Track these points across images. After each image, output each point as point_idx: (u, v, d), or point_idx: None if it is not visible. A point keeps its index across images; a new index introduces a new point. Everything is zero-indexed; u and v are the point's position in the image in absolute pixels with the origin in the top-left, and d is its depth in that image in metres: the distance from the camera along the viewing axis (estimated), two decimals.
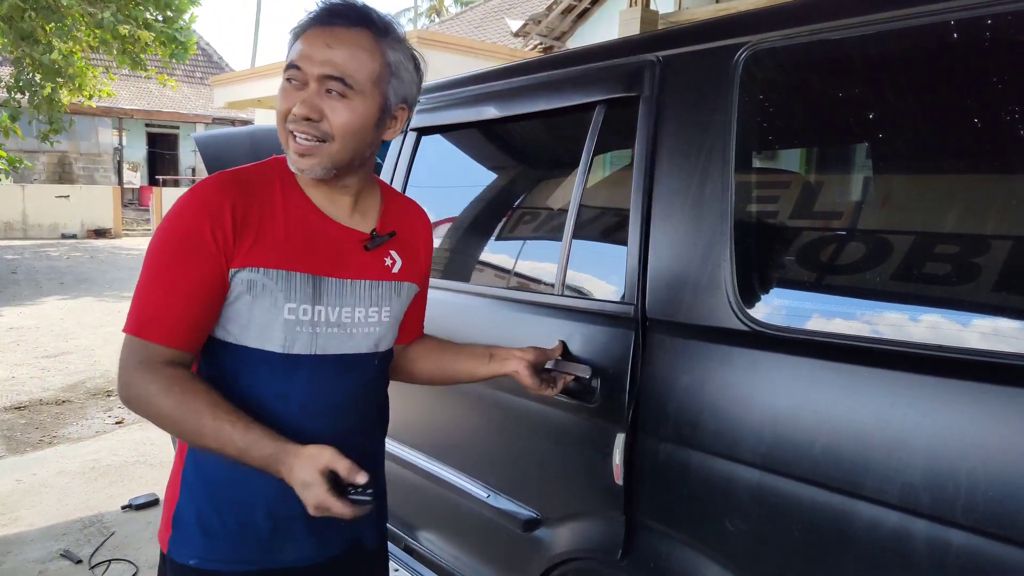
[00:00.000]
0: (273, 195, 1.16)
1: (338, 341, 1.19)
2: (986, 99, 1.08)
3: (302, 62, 1.10)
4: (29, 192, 17.40)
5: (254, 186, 1.15)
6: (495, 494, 1.76)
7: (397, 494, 2.07)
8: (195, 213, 1.09)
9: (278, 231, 1.14)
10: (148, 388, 1.08)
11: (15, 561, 2.89)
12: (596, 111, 1.57)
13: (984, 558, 0.91)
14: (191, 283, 1.09)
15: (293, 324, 1.14)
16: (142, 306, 1.10)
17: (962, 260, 1.07)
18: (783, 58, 1.28)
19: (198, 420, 1.06)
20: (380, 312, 1.25)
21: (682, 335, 1.31)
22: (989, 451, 0.91)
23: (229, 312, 1.13)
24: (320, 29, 1.12)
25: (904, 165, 1.24)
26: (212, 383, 1.13)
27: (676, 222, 1.35)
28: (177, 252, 1.09)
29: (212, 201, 1.10)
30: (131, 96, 19.56)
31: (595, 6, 8.73)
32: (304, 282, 1.14)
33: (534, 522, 1.63)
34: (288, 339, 1.14)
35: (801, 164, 1.50)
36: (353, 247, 1.21)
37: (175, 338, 1.10)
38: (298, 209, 1.17)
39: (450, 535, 1.98)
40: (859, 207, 1.28)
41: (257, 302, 1.12)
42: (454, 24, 14.97)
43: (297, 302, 1.14)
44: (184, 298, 1.09)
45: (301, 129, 1.11)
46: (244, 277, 1.11)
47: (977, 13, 1.03)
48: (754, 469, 1.15)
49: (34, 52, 9.26)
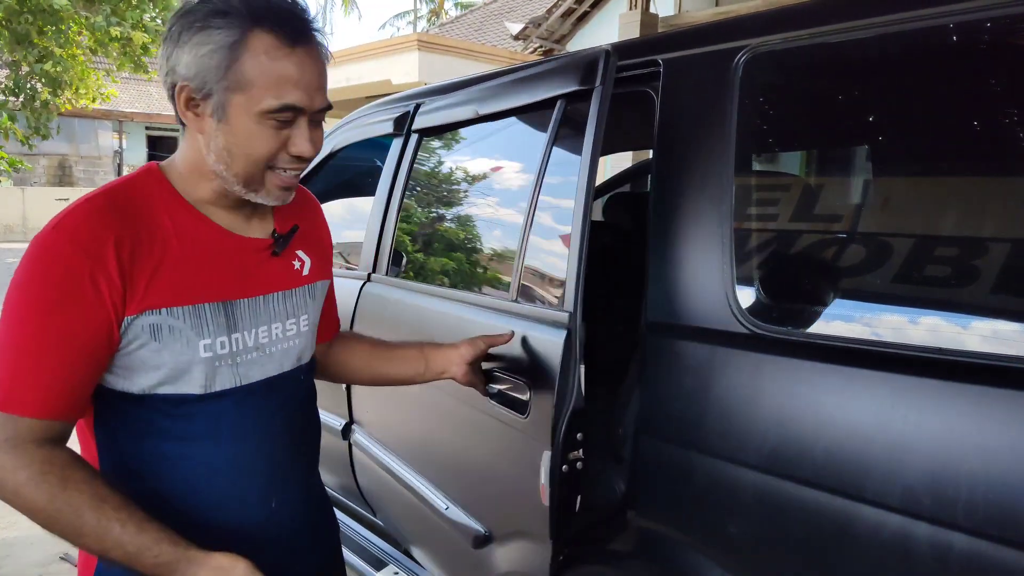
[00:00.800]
0: (159, 216, 0.97)
1: (260, 365, 1.06)
2: (985, 102, 1.08)
3: (304, 102, 0.95)
4: (29, 195, 17.43)
5: (136, 210, 0.96)
6: (453, 505, 1.72)
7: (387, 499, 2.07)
8: (67, 256, 0.89)
9: (175, 260, 0.97)
10: (15, 476, 0.88)
11: (15, 564, 2.89)
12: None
13: (985, 561, 0.91)
14: (67, 341, 0.90)
15: (212, 361, 0.99)
16: (6, 373, 0.89)
17: (962, 263, 1.07)
18: (783, 61, 1.28)
19: (78, 518, 0.88)
20: (298, 322, 1.12)
21: (681, 338, 1.31)
22: (990, 454, 0.91)
23: (129, 361, 0.95)
24: (306, 51, 0.95)
25: (904, 168, 1.24)
26: (112, 442, 0.99)
27: (676, 224, 1.35)
28: (47, 306, 0.89)
29: (87, 239, 0.90)
30: (131, 99, 19.58)
31: (595, 9, 8.74)
32: (215, 312, 0.99)
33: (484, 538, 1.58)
34: (208, 378, 1.00)
35: (801, 167, 1.51)
36: (258, 257, 1.07)
37: (50, 408, 0.90)
38: (193, 228, 1.00)
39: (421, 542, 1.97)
40: (859, 210, 1.28)
41: (166, 347, 0.95)
42: (454, 27, 14.99)
43: (212, 337, 0.99)
44: (60, 359, 0.90)
45: (297, 167, 1.00)
46: (145, 322, 0.94)
47: (977, 16, 1.03)
48: (755, 472, 1.15)
49: (29, 56, 9.26)
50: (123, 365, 0.96)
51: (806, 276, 1.27)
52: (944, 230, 1.14)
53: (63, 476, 0.89)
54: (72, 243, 0.90)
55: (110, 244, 0.91)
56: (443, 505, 1.73)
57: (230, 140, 0.96)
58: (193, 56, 0.92)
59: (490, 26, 14.38)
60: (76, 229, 0.90)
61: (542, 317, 1.37)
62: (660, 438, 1.32)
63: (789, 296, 1.28)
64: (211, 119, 0.95)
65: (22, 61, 9.44)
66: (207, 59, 0.92)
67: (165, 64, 0.96)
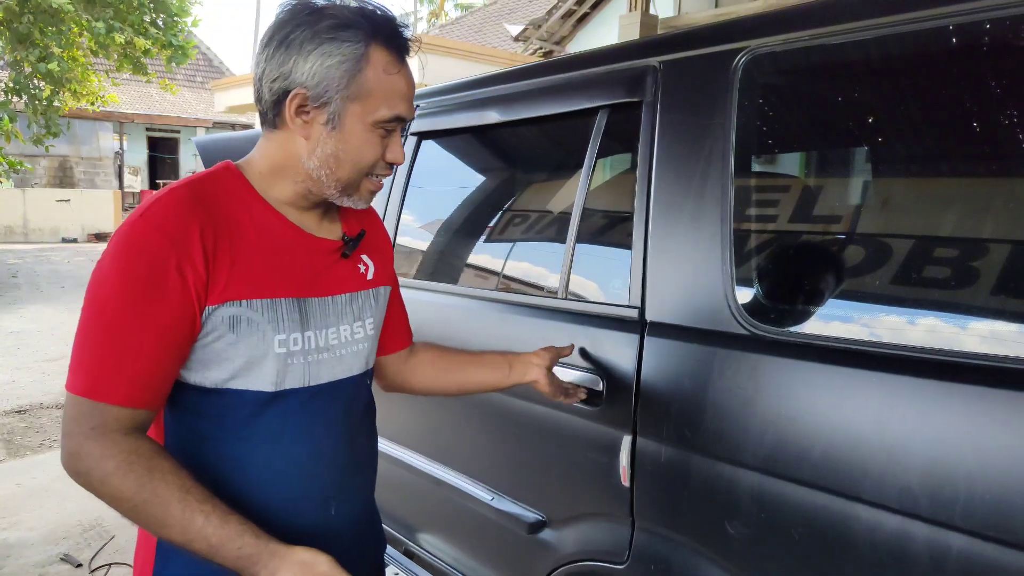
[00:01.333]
0: (240, 211, 1.00)
1: (330, 367, 1.07)
2: (984, 103, 1.08)
3: (408, 113, 1.03)
4: (30, 196, 17.42)
5: (219, 202, 0.98)
6: (499, 496, 1.75)
7: (395, 496, 2.08)
8: (155, 245, 0.91)
9: (254, 253, 0.99)
10: (103, 465, 0.89)
11: (15, 565, 2.89)
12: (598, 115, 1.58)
13: (983, 561, 0.91)
14: (155, 330, 0.91)
15: (285, 357, 1.01)
16: (93, 361, 0.91)
17: (961, 264, 1.07)
18: (782, 63, 1.28)
19: (164, 509, 0.89)
20: (364, 325, 1.14)
21: (682, 338, 1.31)
22: (987, 454, 0.91)
23: (204, 354, 0.97)
24: (408, 67, 1.03)
25: (903, 169, 1.25)
26: (183, 437, 1.01)
27: (676, 225, 1.36)
28: (134, 295, 0.90)
29: (175, 228, 0.92)
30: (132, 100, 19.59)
31: (595, 11, 8.75)
32: (290, 308, 1.01)
33: (539, 524, 1.63)
34: (280, 374, 1.01)
35: (800, 168, 1.51)
36: (329, 258, 1.09)
37: (137, 397, 0.92)
38: (270, 225, 1.03)
39: (452, 538, 1.98)
40: (858, 211, 1.28)
41: (243, 340, 0.97)
42: (454, 29, 15.00)
43: (287, 332, 1.00)
44: (148, 348, 0.91)
45: (388, 174, 1.07)
46: (225, 313, 0.95)
47: (976, 18, 1.04)
48: (754, 473, 1.16)
49: (30, 56, 9.27)
50: (198, 358, 0.97)
51: (805, 277, 1.27)
52: (943, 231, 1.15)
53: (150, 466, 0.90)
54: (159, 231, 0.91)
55: (195, 233, 0.93)
56: (488, 496, 1.76)
57: (340, 147, 1.00)
58: (319, 65, 0.96)
59: (490, 28, 14.39)
60: (163, 218, 0.92)
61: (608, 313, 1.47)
62: (658, 439, 1.32)
63: (788, 297, 1.28)
64: (323, 126, 0.99)
65: (24, 61, 9.44)
66: (334, 69, 0.96)
67: (276, 70, 0.98)
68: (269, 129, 1.03)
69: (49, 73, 9.46)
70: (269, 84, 0.99)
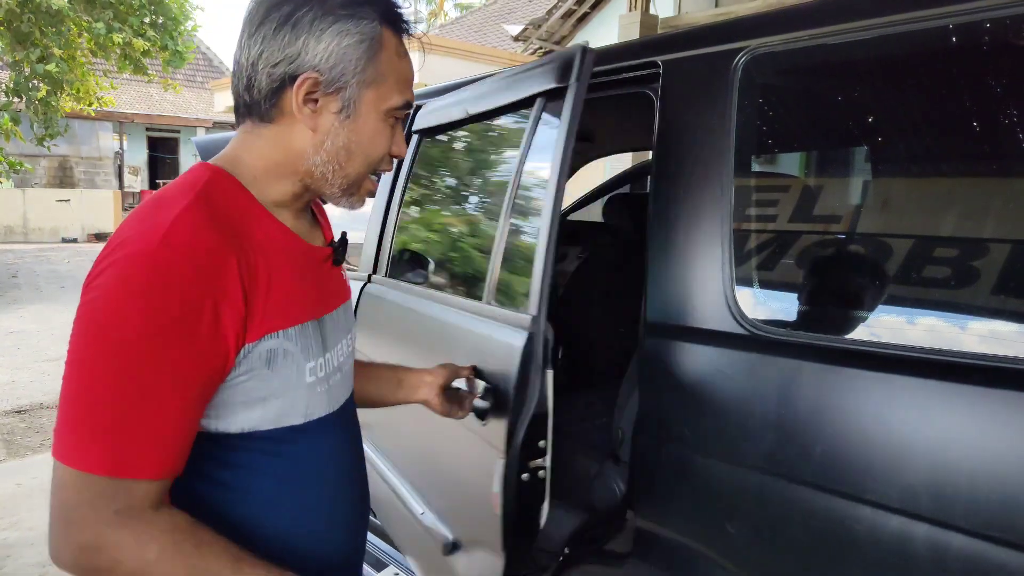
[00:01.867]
0: (252, 225, 0.85)
1: (343, 387, 0.98)
2: (984, 103, 1.08)
3: (413, 101, 0.92)
4: (30, 196, 17.41)
5: (233, 217, 0.82)
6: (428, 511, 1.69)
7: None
8: (188, 280, 0.74)
9: (279, 275, 0.85)
10: (142, 554, 0.73)
11: (15, 564, 2.89)
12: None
13: (984, 561, 0.91)
14: (183, 382, 0.75)
15: (315, 385, 0.89)
16: (113, 426, 0.73)
17: (961, 264, 1.07)
18: (782, 62, 1.29)
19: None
20: (351, 336, 1.04)
21: (681, 339, 1.31)
22: (989, 454, 0.91)
23: (229, 395, 0.82)
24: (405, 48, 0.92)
25: (902, 169, 1.25)
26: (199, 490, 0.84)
27: (675, 226, 1.36)
28: (165, 340, 0.73)
29: (208, 260, 0.76)
30: (132, 100, 19.58)
31: (595, 11, 8.75)
32: (315, 330, 0.89)
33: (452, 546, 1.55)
34: (310, 406, 0.89)
35: (800, 168, 1.51)
36: (323, 268, 0.96)
37: (169, 464, 0.76)
38: (278, 239, 0.87)
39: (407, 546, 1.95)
40: (857, 211, 1.28)
41: (277, 374, 0.84)
42: (454, 29, 15.00)
43: (314, 358, 0.89)
44: (178, 403, 0.75)
45: (389, 169, 0.94)
46: (263, 348, 0.82)
47: (976, 18, 1.04)
48: (754, 473, 1.15)
49: (31, 55, 9.27)
50: (221, 400, 0.82)
51: (805, 277, 1.27)
52: (943, 231, 1.15)
53: (196, 542, 0.77)
54: (191, 264, 0.74)
55: (232, 263, 0.78)
56: (419, 510, 1.70)
57: (352, 138, 0.88)
58: (335, 44, 0.83)
59: (490, 28, 14.40)
60: (192, 247, 0.75)
61: (507, 320, 1.31)
62: (659, 439, 1.32)
63: (788, 297, 1.28)
64: (335, 115, 0.86)
65: (23, 62, 9.45)
66: (351, 49, 0.84)
67: (279, 53, 0.83)
68: (257, 123, 0.87)
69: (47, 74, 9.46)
70: (269, 69, 0.84)
